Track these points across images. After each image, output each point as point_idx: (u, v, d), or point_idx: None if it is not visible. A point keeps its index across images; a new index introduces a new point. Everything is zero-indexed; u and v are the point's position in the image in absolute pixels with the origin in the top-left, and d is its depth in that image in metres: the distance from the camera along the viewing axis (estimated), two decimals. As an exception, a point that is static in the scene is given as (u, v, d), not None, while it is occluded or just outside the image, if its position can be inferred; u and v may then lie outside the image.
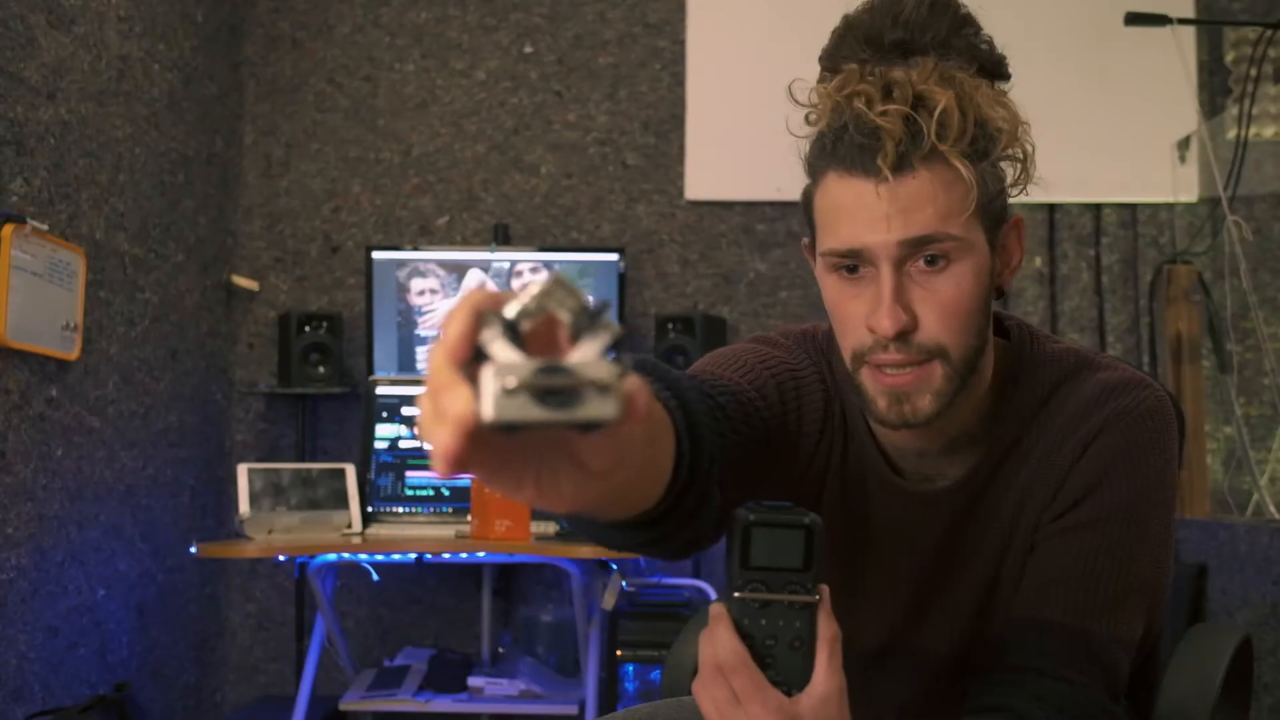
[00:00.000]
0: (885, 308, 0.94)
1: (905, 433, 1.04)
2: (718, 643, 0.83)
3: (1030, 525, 1.05)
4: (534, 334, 0.53)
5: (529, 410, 0.49)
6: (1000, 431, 1.07)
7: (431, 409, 0.53)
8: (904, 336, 0.95)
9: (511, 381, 0.49)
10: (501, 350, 0.51)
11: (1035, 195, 1.04)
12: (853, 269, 0.97)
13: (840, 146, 0.95)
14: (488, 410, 0.50)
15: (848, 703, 0.84)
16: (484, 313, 0.52)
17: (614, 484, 0.63)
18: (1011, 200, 1.03)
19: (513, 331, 0.52)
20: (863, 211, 0.94)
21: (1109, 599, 1.00)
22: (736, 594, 0.83)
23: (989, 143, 0.96)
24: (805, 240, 1.06)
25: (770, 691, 0.82)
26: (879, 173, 0.92)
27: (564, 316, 0.53)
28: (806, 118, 1.00)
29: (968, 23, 1.03)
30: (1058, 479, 1.04)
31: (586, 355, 0.51)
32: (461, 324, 0.52)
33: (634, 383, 0.53)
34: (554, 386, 0.49)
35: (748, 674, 0.82)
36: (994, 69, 1.04)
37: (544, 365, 0.50)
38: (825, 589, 0.83)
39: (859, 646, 1.15)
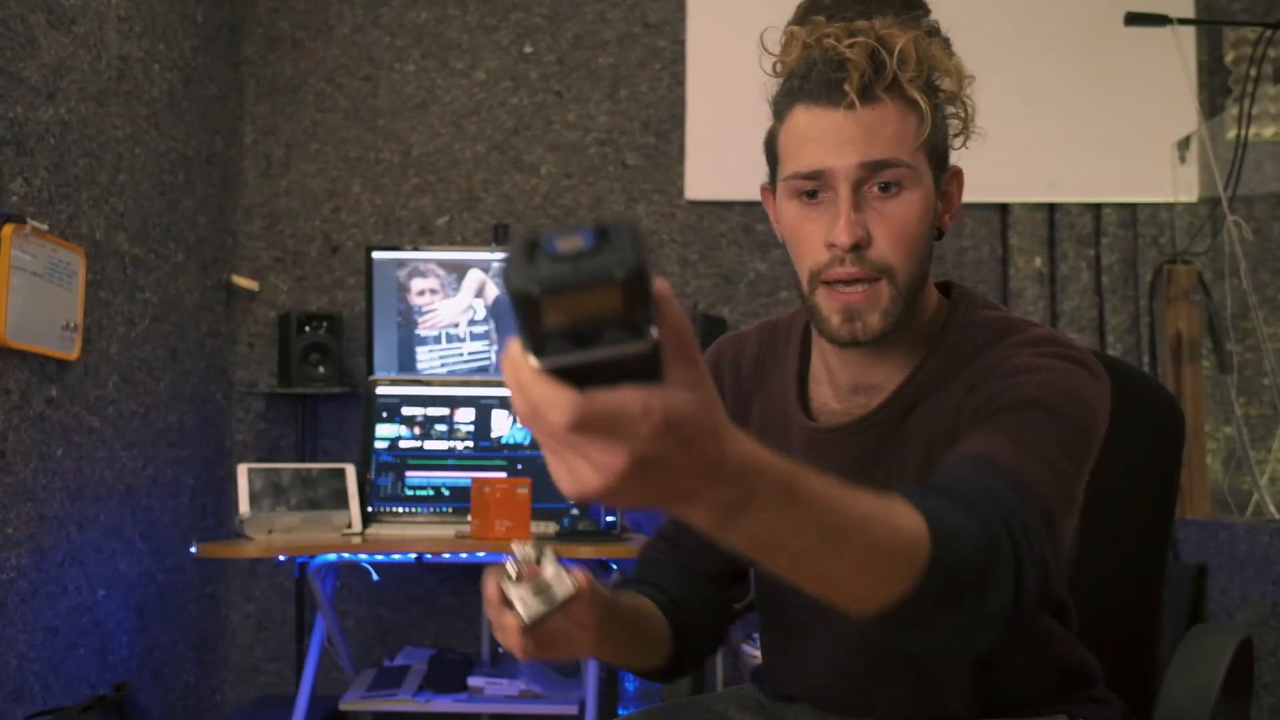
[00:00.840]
0: (843, 222, 1.03)
1: (845, 362, 1.13)
2: (544, 406, 0.57)
3: (943, 448, 1.04)
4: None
5: (538, 609, 0.93)
6: (919, 379, 1.11)
7: (497, 624, 0.95)
8: (858, 251, 1.04)
9: (524, 606, 0.93)
10: (514, 590, 0.94)
11: (1036, 194, 1.08)
12: (812, 194, 1.07)
13: (809, 81, 1.06)
14: (524, 618, 0.93)
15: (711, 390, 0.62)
16: (500, 575, 0.94)
17: (620, 647, 1.07)
18: (1014, 200, 1.06)
19: (516, 576, 0.94)
20: (829, 136, 1.04)
21: (1014, 445, 0.94)
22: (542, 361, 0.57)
23: (938, 87, 1.08)
24: (763, 183, 1.16)
25: (630, 393, 0.57)
26: (845, 99, 1.03)
27: (531, 555, 0.95)
28: (774, 67, 1.11)
29: (916, 4, 1.13)
30: (973, 400, 1.04)
31: (548, 570, 0.94)
32: (491, 587, 0.94)
33: (580, 575, 0.95)
34: (539, 590, 0.94)
35: (599, 405, 0.57)
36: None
37: (533, 586, 0.94)
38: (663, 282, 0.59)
39: (797, 605, 1.17)
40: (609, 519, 2.94)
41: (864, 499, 0.74)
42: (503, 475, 2.89)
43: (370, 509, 2.86)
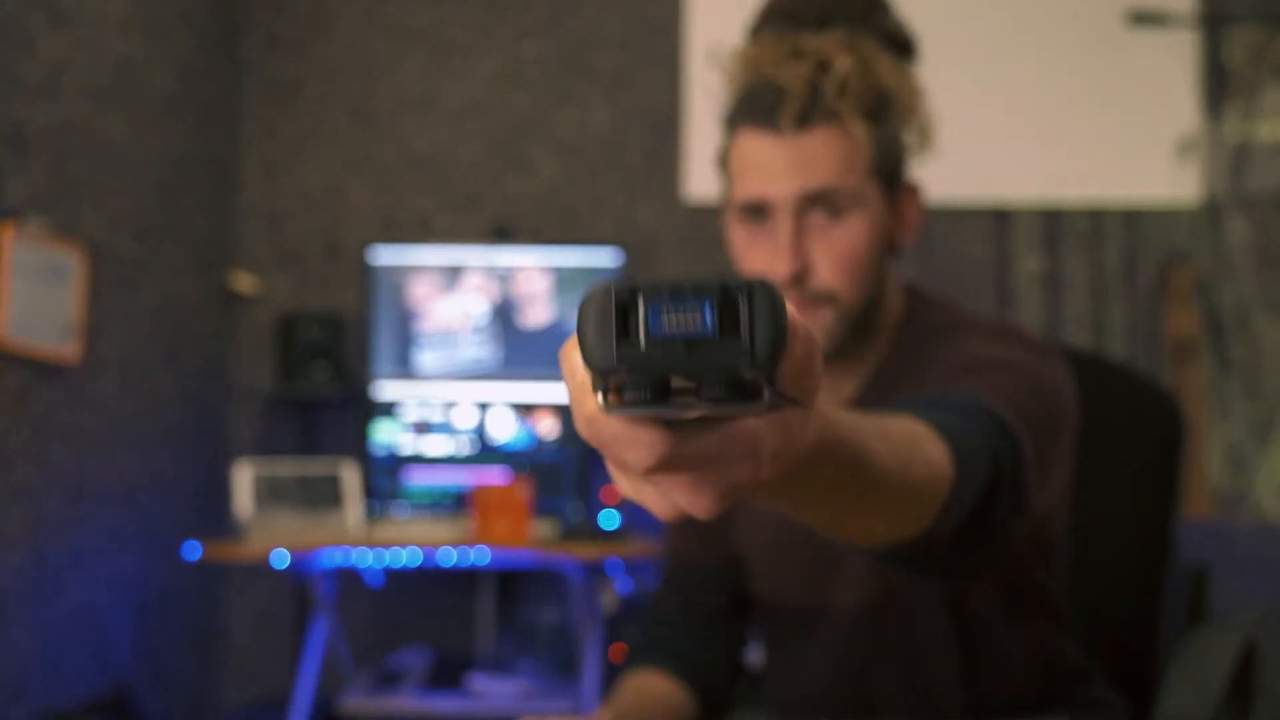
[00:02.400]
0: (781, 253, 1.03)
1: None
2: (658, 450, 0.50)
3: None
4: None
5: None
6: (874, 386, 1.12)
7: None
8: (799, 282, 1.03)
9: None
10: None
11: (1036, 195, 1.08)
12: (758, 218, 1.06)
13: (750, 105, 1.05)
14: None
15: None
16: None
17: None
18: (1013, 200, 1.06)
19: None
20: (767, 164, 1.03)
21: (976, 392, 0.93)
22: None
23: (886, 105, 1.05)
24: (719, 202, 1.15)
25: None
26: (781, 128, 1.02)
27: None
28: (729, 80, 1.10)
29: (878, 6, 1.12)
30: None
31: None
32: None
33: None
34: None
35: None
36: (902, 46, 1.12)
37: None
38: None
39: (772, 605, 1.20)
40: (609, 520, 2.94)
41: (898, 442, 0.69)
42: (503, 476, 2.89)
43: (370, 509, 2.86)
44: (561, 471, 2.93)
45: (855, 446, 0.61)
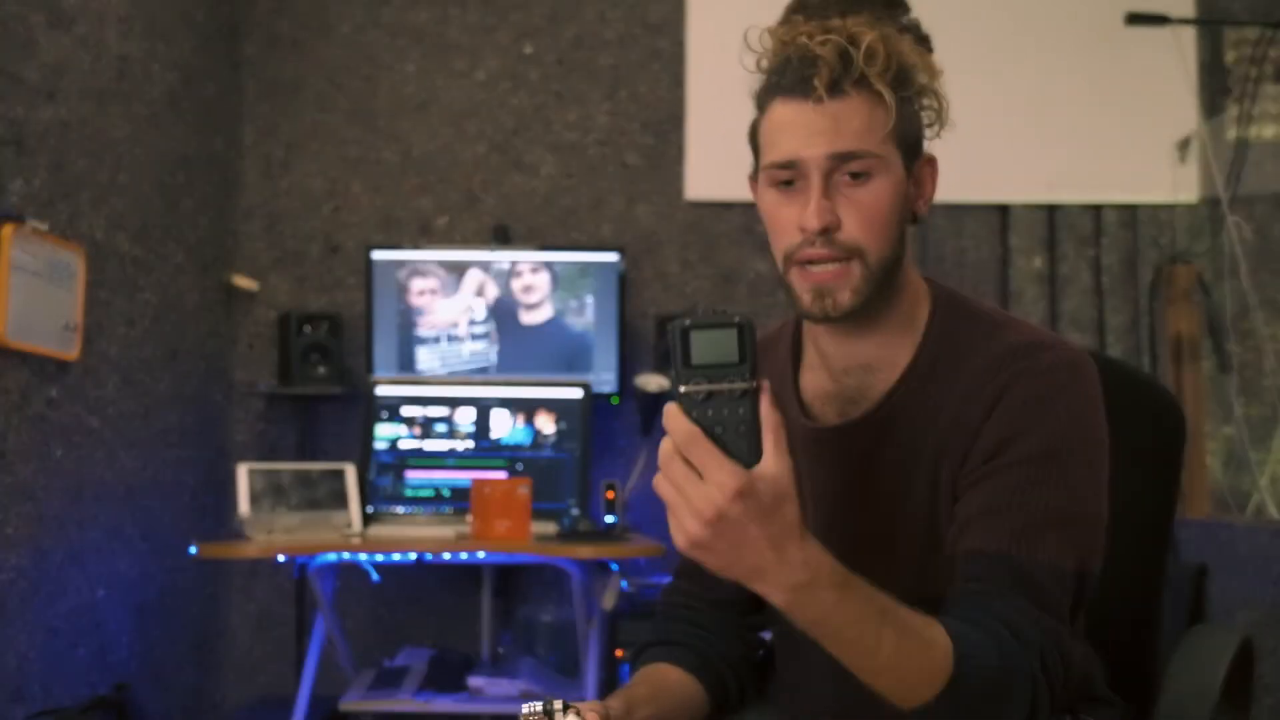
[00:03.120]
0: (813, 206, 1.09)
1: (835, 343, 1.19)
2: (672, 429, 0.91)
3: (950, 479, 1.12)
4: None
5: None
6: (910, 379, 1.16)
7: None
8: (828, 234, 1.10)
9: None
10: None
11: (1036, 195, 1.12)
12: (788, 182, 1.12)
13: (784, 77, 1.12)
14: None
15: (795, 483, 0.92)
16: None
17: None
18: (1014, 201, 1.09)
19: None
20: (800, 128, 1.11)
21: (1027, 527, 1.05)
22: (682, 388, 0.91)
23: (907, 80, 1.13)
24: (750, 173, 1.21)
25: (727, 461, 0.89)
26: (815, 93, 1.09)
27: (538, 707, 0.99)
28: (758, 63, 1.17)
29: (898, 4, 1.20)
30: (970, 435, 1.11)
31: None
32: None
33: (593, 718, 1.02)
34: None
35: (704, 447, 0.90)
36: (920, 39, 1.20)
37: None
38: (766, 381, 0.93)
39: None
40: (608, 519, 2.94)
41: (905, 609, 0.96)
42: (503, 475, 2.89)
43: (370, 509, 2.86)
44: (561, 471, 2.93)
45: (855, 580, 0.94)
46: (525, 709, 0.99)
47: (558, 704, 0.99)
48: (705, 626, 1.27)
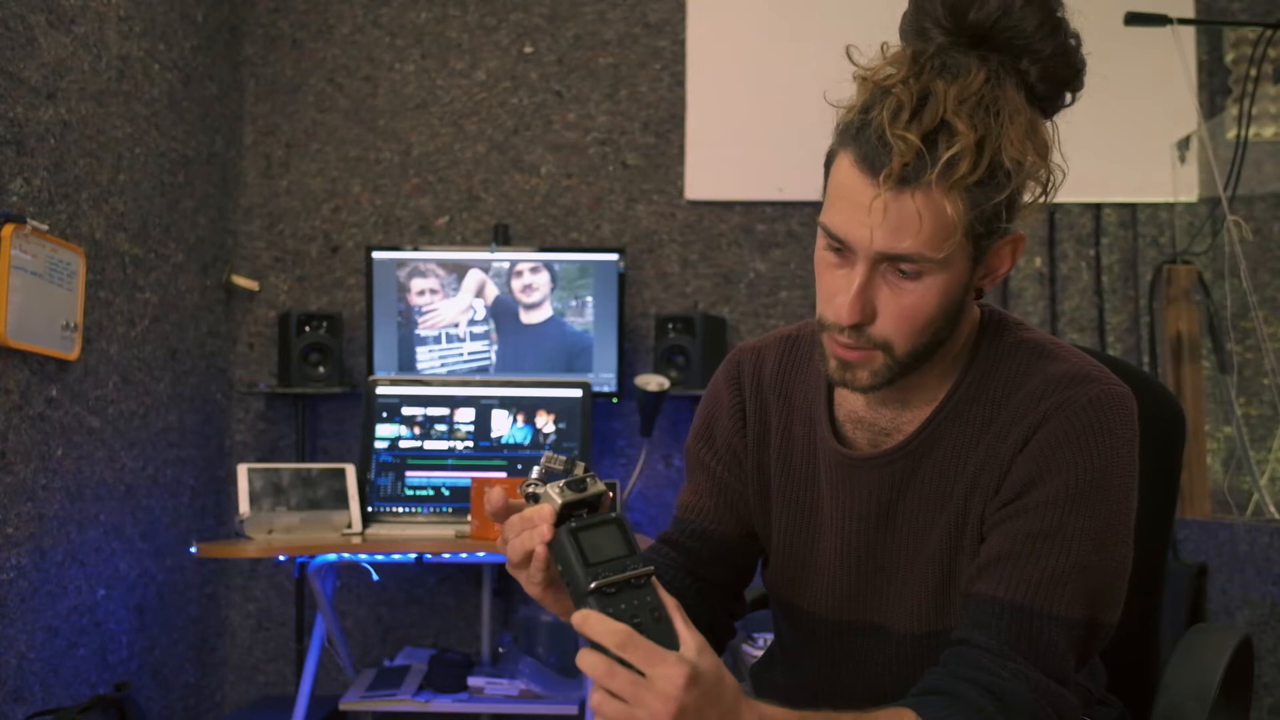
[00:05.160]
0: (848, 300, 1.03)
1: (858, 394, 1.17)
2: (601, 633, 0.89)
3: (978, 514, 1.10)
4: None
5: (571, 496, 0.97)
6: (947, 408, 1.13)
7: (520, 524, 1.00)
8: (857, 329, 1.05)
9: (559, 486, 0.97)
10: (546, 486, 0.98)
11: (1035, 193, 1.08)
12: (839, 248, 1.06)
13: (859, 137, 1.01)
14: (557, 500, 0.97)
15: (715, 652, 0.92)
16: (524, 483, 1.01)
17: None
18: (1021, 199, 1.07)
19: (542, 482, 1.00)
20: (858, 209, 1.01)
21: (1046, 578, 1.03)
22: (594, 584, 0.92)
23: (1000, 180, 1.00)
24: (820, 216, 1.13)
25: (667, 652, 0.88)
26: (878, 182, 0.98)
27: (558, 467, 1.01)
28: (855, 99, 1.04)
29: (1057, 27, 1.03)
30: (1002, 468, 1.09)
31: (579, 469, 0.99)
32: (498, 496, 1.02)
33: (601, 485, 1.00)
34: (573, 482, 0.98)
35: (640, 644, 0.88)
36: (1066, 79, 1.06)
37: (566, 481, 0.98)
38: (651, 566, 0.94)
39: (819, 617, 1.20)
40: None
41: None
42: (503, 475, 2.89)
43: (370, 509, 2.86)
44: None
45: None
46: (545, 459, 1.02)
47: (580, 462, 1.01)
48: (685, 586, 1.25)
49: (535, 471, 1.01)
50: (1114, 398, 1.08)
